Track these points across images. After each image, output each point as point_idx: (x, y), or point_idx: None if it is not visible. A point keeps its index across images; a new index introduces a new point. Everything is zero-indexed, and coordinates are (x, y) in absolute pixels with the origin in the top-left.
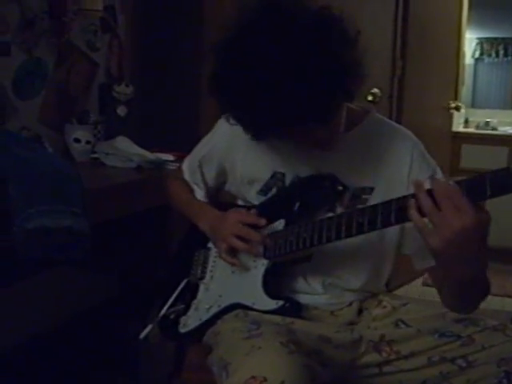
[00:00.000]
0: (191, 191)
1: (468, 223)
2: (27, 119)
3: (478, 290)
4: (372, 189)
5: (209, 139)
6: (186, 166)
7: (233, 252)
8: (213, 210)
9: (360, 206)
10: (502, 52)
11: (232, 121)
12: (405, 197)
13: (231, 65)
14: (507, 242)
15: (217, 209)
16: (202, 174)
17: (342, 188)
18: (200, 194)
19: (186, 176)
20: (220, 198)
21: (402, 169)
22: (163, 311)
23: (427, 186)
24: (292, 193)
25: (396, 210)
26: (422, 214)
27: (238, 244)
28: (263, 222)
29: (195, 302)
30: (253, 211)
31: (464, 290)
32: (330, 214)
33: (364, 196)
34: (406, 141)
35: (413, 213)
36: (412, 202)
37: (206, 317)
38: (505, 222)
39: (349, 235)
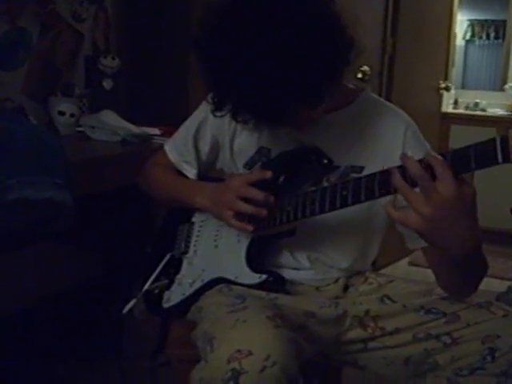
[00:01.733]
0: (177, 173)
1: (446, 194)
2: (11, 91)
3: (475, 269)
4: (362, 168)
5: (196, 117)
6: (170, 147)
7: (242, 218)
8: (208, 184)
9: (344, 179)
10: (492, 34)
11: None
12: (388, 169)
13: (217, 40)
14: (494, 222)
15: None
16: (197, 150)
17: (328, 161)
18: (192, 172)
19: (172, 157)
20: (207, 173)
21: (394, 149)
22: (147, 286)
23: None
24: (277, 166)
25: (379, 183)
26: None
27: (245, 207)
28: (269, 174)
29: (179, 276)
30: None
31: (460, 268)
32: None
33: (353, 175)
34: (399, 121)
35: (397, 179)
36: (396, 170)
37: (189, 291)
38: (491, 203)
39: (332, 208)
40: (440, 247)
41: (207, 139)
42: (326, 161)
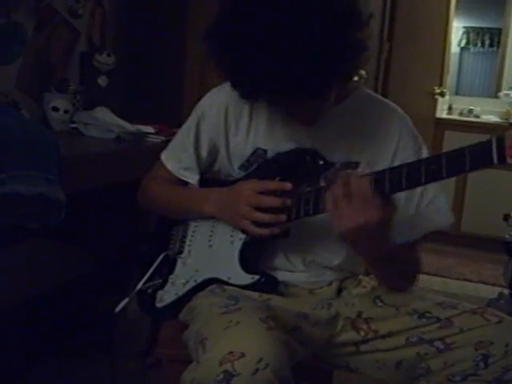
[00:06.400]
0: (177, 184)
1: (370, 220)
2: (4, 85)
3: (393, 270)
4: (357, 164)
5: (191, 123)
6: (167, 156)
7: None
8: (214, 190)
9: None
10: (487, 42)
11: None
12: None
13: (232, 22)
14: (482, 229)
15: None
16: (198, 155)
17: (324, 163)
18: (194, 178)
19: (170, 166)
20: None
21: (388, 145)
22: (140, 285)
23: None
24: (273, 167)
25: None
26: None
27: (262, 217)
28: (289, 185)
29: (172, 276)
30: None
31: (377, 269)
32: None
33: (348, 171)
34: (395, 117)
35: (327, 196)
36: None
37: (182, 292)
38: (484, 210)
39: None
40: (354, 248)
41: (205, 143)
42: (321, 162)
